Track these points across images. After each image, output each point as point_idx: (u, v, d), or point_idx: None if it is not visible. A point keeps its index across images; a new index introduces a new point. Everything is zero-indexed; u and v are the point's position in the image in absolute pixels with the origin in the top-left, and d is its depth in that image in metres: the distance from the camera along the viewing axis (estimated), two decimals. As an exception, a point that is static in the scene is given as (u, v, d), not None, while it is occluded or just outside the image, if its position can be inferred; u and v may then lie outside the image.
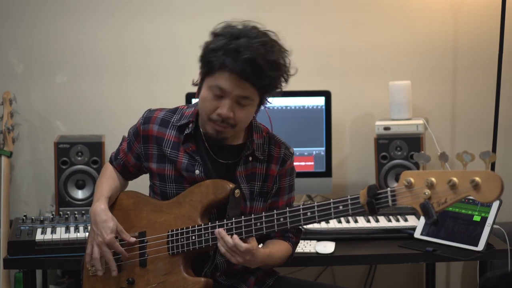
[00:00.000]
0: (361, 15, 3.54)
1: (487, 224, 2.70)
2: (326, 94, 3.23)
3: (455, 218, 2.77)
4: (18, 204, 3.48)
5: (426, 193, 1.84)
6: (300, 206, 2.09)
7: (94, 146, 3.16)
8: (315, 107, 3.24)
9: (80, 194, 3.16)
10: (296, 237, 2.39)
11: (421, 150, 3.19)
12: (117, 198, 2.39)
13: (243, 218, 2.14)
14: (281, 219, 2.11)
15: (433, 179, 1.83)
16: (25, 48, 3.47)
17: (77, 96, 3.49)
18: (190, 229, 2.20)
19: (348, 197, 2.01)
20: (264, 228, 2.12)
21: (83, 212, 2.94)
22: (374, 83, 3.54)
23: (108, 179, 2.41)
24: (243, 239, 2.12)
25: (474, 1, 3.51)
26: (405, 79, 3.38)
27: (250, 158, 2.29)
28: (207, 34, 2.21)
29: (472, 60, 3.56)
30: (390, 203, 1.93)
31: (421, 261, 2.93)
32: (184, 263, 2.23)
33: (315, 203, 2.06)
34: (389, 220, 2.94)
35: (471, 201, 2.77)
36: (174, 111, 2.35)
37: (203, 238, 2.18)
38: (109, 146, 3.18)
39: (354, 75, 3.55)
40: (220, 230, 2.13)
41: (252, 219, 2.13)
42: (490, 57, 3.35)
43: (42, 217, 2.87)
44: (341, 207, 2.02)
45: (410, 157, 3.20)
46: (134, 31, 3.49)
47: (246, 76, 2.11)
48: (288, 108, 3.22)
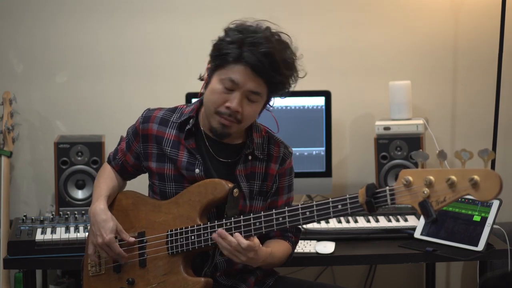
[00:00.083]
0: (361, 15, 3.54)
1: (487, 224, 2.69)
2: (326, 94, 3.23)
3: (455, 218, 2.77)
4: (18, 204, 3.48)
5: (425, 192, 1.84)
6: (299, 206, 2.08)
7: (94, 146, 3.16)
8: (315, 107, 3.24)
9: (80, 194, 3.16)
10: (296, 237, 2.39)
11: (421, 150, 3.19)
12: (116, 198, 2.39)
13: (242, 218, 2.14)
14: (280, 219, 2.10)
15: (432, 178, 1.83)
16: (25, 48, 3.47)
17: (77, 96, 3.49)
18: (189, 229, 2.20)
19: (347, 196, 2.01)
20: (263, 228, 2.12)
21: (83, 212, 2.94)
22: (374, 83, 3.54)
23: (106, 179, 2.41)
24: (244, 238, 2.12)
25: (474, 1, 3.51)
26: (405, 79, 3.38)
27: (250, 157, 2.29)
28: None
29: (472, 60, 3.56)
30: (389, 202, 1.93)
31: (421, 261, 2.92)
32: (184, 263, 2.22)
33: (314, 203, 2.06)
34: (389, 220, 2.94)
35: (471, 201, 2.77)
36: (174, 110, 2.35)
37: (202, 238, 2.18)
38: (109, 146, 3.18)
39: (354, 75, 3.55)
40: (220, 231, 2.12)
41: (251, 219, 2.13)
42: (490, 57, 3.35)
43: (42, 217, 2.87)
44: (340, 206, 2.02)
45: (410, 157, 3.20)
46: (134, 31, 3.49)
47: (261, 70, 2.12)
48: (288, 108, 3.22)
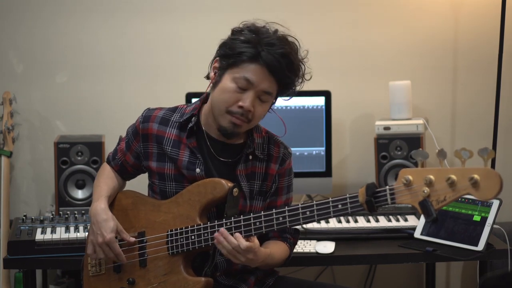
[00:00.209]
0: (361, 15, 3.54)
1: (487, 224, 2.69)
2: (326, 94, 3.23)
3: (455, 218, 2.77)
4: (18, 204, 3.48)
5: (425, 191, 1.84)
6: (299, 205, 2.08)
7: (94, 146, 3.16)
8: (315, 107, 3.23)
9: (80, 194, 3.16)
10: (294, 238, 2.39)
11: (421, 149, 3.19)
12: (115, 198, 2.39)
13: (242, 218, 2.14)
14: (280, 218, 2.10)
15: (432, 177, 1.83)
16: (25, 48, 3.47)
17: (77, 96, 3.49)
18: (190, 229, 2.20)
19: (347, 196, 2.01)
20: (263, 228, 2.12)
21: (83, 212, 2.94)
22: (374, 83, 3.54)
23: (106, 179, 2.40)
24: (244, 238, 2.12)
25: (474, 1, 3.51)
26: (405, 79, 3.38)
27: (250, 157, 2.29)
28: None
29: (472, 60, 3.56)
30: (389, 202, 1.93)
31: (421, 261, 2.92)
32: (184, 263, 2.22)
33: (314, 202, 2.06)
34: (389, 220, 2.94)
35: (471, 201, 2.77)
36: (174, 110, 2.35)
37: (203, 238, 2.18)
38: (109, 146, 3.17)
39: (354, 75, 3.55)
40: (223, 230, 2.12)
41: (251, 218, 2.12)
42: (490, 57, 3.35)
43: (42, 217, 2.87)
44: (340, 206, 2.01)
45: (410, 157, 3.20)
46: (134, 31, 3.49)
47: (278, 70, 2.13)
48: (288, 108, 3.22)
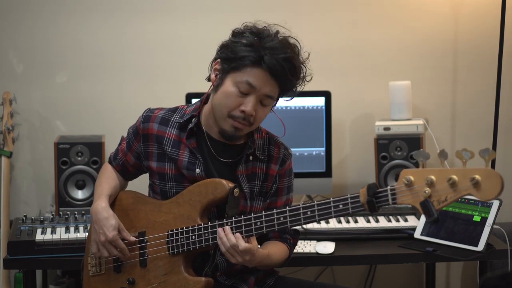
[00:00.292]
0: (361, 15, 3.54)
1: (487, 224, 2.69)
2: (326, 94, 3.23)
3: (455, 218, 2.77)
4: (18, 204, 3.48)
5: (426, 191, 1.84)
6: (300, 205, 2.08)
7: (94, 146, 3.16)
8: (315, 107, 3.23)
9: (80, 194, 3.16)
10: (294, 239, 2.39)
11: (422, 149, 3.19)
12: (116, 198, 2.39)
13: (243, 217, 2.14)
14: (281, 218, 2.10)
15: (433, 177, 1.83)
16: (25, 48, 3.47)
17: (77, 96, 3.49)
18: (190, 229, 2.20)
19: (348, 196, 2.01)
20: (264, 228, 2.12)
21: (83, 212, 2.94)
22: (374, 83, 3.54)
23: (108, 179, 2.40)
24: (244, 238, 2.12)
25: (474, 1, 3.51)
26: (405, 79, 3.38)
27: (251, 158, 2.29)
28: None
29: (472, 60, 3.56)
30: (390, 202, 1.93)
31: (421, 261, 2.92)
32: (185, 263, 2.22)
33: (315, 202, 2.06)
34: (389, 220, 2.94)
35: (471, 201, 2.77)
36: (174, 110, 2.35)
37: (203, 238, 2.18)
38: (109, 146, 3.18)
39: (354, 75, 3.55)
40: (226, 228, 2.12)
41: (252, 218, 2.13)
42: (490, 57, 3.35)
43: (42, 217, 2.87)
44: (341, 206, 2.01)
45: (410, 158, 3.20)
46: (134, 31, 3.49)
47: (280, 75, 2.12)
48: (288, 108, 3.22)
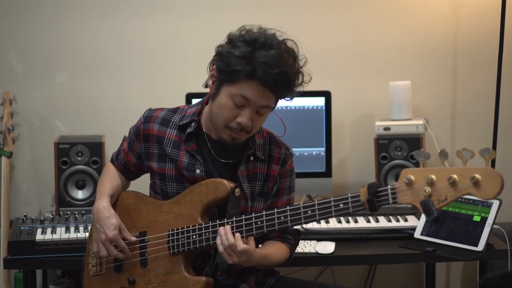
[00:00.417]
0: (361, 15, 3.54)
1: (487, 224, 2.69)
2: (326, 94, 3.23)
3: (455, 218, 2.77)
4: (18, 204, 3.48)
5: (427, 191, 1.84)
6: (301, 205, 2.08)
7: (94, 146, 3.16)
8: (315, 107, 3.24)
9: (80, 194, 3.16)
10: (295, 239, 2.39)
11: (423, 149, 3.19)
12: (118, 198, 2.39)
13: (244, 217, 2.14)
14: (282, 218, 2.10)
15: (433, 177, 1.83)
16: (25, 48, 3.47)
17: (77, 96, 3.49)
18: (191, 228, 2.20)
19: (349, 195, 2.01)
20: (265, 227, 2.12)
21: (83, 212, 2.94)
22: (374, 83, 3.54)
23: (110, 178, 2.41)
24: (243, 239, 2.12)
25: (474, 1, 3.51)
26: (405, 79, 3.38)
27: (252, 158, 2.29)
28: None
29: (472, 60, 3.56)
30: (391, 201, 1.93)
31: (421, 261, 2.92)
32: (185, 263, 2.22)
33: (316, 202, 2.06)
34: (389, 220, 2.94)
35: (471, 201, 2.77)
36: (175, 111, 2.35)
37: (204, 237, 2.18)
38: (109, 146, 3.18)
39: (354, 75, 3.55)
40: (227, 227, 2.12)
41: (253, 218, 2.13)
42: (490, 57, 3.35)
43: (42, 217, 2.87)
44: (342, 205, 2.02)
45: (410, 158, 3.20)
46: (134, 31, 3.49)
47: (275, 88, 2.11)
48: (288, 109, 3.22)
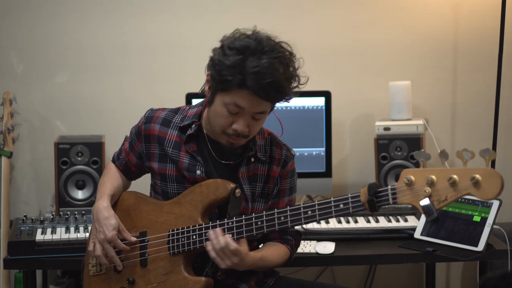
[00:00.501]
0: (361, 15, 3.54)
1: (487, 224, 2.69)
2: (326, 94, 3.23)
3: (455, 218, 2.77)
4: (18, 204, 3.48)
5: (427, 191, 1.84)
6: (301, 205, 2.08)
7: (94, 146, 3.16)
8: (315, 107, 3.24)
9: (80, 195, 3.16)
10: (296, 240, 2.39)
11: (423, 150, 3.19)
12: (119, 198, 2.39)
13: (244, 217, 2.14)
14: (282, 218, 2.10)
15: (434, 177, 1.83)
16: (25, 48, 3.47)
17: (77, 96, 3.49)
18: (191, 229, 2.20)
19: (349, 196, 2.01)
20: (265, 227, 2.12)
21: (83, 213, 2.94)
22: (374, 83, 3.54)
23: (111, 178, 2.41)
24: (235, 241, 2.12)
25: (474, 1, 3.51)
26: (405, 79, 3.38)
27: (252, 159, 2.29)
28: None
29: (472, 60, 3.56)
30: (391, 201, 1.93)
31: (421, 261, 2.92)
32: (185, 263, 2.22)
33: (316, 202, 2.06)
34: (389, 221, 2.94)
35: (471, 202, 2.77)
36: (176, 111, 2.35)
37: (204, 238, 2.18)
38: (109, 146, 3.19)
39: (354, 75, 3.55)
40: (217, 230, 2.13)
41: (253, 218, 2.13)
42: (490, 57, 3.35)
43: (42, 217, 2.87)
44: (342, 206, 2.02)
45: (410, 158, 3.20)
46: (134, 31, 3.49)
47: (268, 97, 2.11)
48: (288, 109, 3.22)
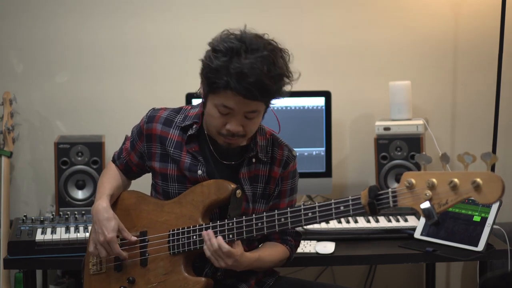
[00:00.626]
0: (361, 15, 3.54)
1: (487, 224, 2.69)
2: (326, 94, 3.23)
3: (455, 218, 2.77)
4: (18, 204, 3.48)
5: (427, 194, 1.84)
6: (302, 207, 2.09)
7: (94, 146, 3.16)
8: (315, 107, 3.24)
9: (80, 194, 3.16)
10: (295, 241, 2.39)
11: (421, 151, 3.19)
12: (119, 197, 2.39)
13: (244, 218, 2.14)
14: (282, 219, 2.11)
15: (434, 180, 1.83)
16: (25, 48, 3.47)
17: (77, 96, 3.49)
18: (191, 229, 2.20)
19: (349, 198, 2.01)
20: (265, 228, 2.12)
21: (83, 212, 2.94)
22: (374, 83, 3.54)
23: (110, 178, 2.41)
24: (227, 242, 2.13)
25: (474, 1, 3.51)
26: (405, 79, 3.38)
27: (254, 160, 2.29)
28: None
29: (472, 60, 3.56)
30: (391, 204, 1.93)
31: (421, 261, 2.92)
32: (185, 263, 2.23)
33: (316, 204, 2.06)
34: (389, 221, 2.94)
35: (471, 201, 2.77)
36: (178, 111, 2.35)
37: (204, 238, 2.19)
38: (109, 146, 3.18)
39: (354, 75, 3.55)
40: (209, 231, 2.14)
41: (253, 219, 2.13)
42: (490, 57, 3.35)
43: (42, 217, 2.87)
44: (342, 208, 2.02)
45: (410, 158, 3.20)
46: (134, 31, 3.49)
47: (253, 97, 2.10)
48: (288, 108, 3.22)
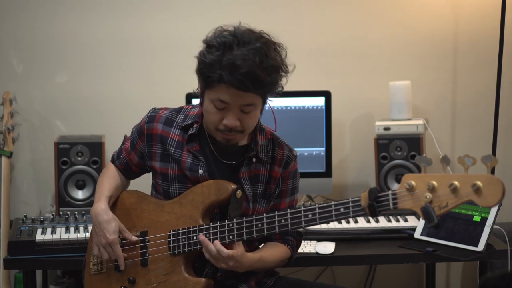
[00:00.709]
0: (361, 15, 3.54)
1: (487, 225, 2.70)
2: (326, 94, 3.23)
3: (455, 218, 2.77)
4: (18, 204, 3.48)
5: (428, 197, 1.84)
6: (302, 208, 2.09)
7: (94, 146, 3.16)
8: (315, 107, 3.24)
9: (80, 194, 3.16)
10: (297, 241, 2.39)
11: (421, 151, 3.19)
12: (119, 197, 2.39)
13: (244, 219, 2.15)
14: (282, 221, 2.11)
15: (435, 183, 1.83)
16: (25, 48, 3.47)
17: (77, 96, 3.49)
18: (192, 229, 2.20)
19: (349, 200, 2.01)
20: (265, 230, 2.12)
21: (83, 212, 2.94)
22: (374, 83, 3.54)
23: (109, 178, 2.41)
24: (226, 244, 2.13)
25: (474, 1, 3.51)
26: (405, 79, 3.38)
27: (254, 160, 2.29)
28: (207, 34, 2.19)
29: (472, 60, 3.56)
30: (391, 206, 1.93)
31: (421, 261, 2.92)
32: (185, 263, 2.23)
33: (316, 205, 2.06)
34: (389, 221, 2.94)
35: (472, 202, 2.76)
36: (179, 111, 2.35)
37: (204, 239, 2.19)
38: (109, 146, 3.18)
39: (354, 75, 3.55)
40: (202, 238, 2.15)
41: (254, 220, 2.13)
42: (490, 57, 3.35)
43: (42, 217, 2.87)
44: (342, 209, 2.02)
45: (410, 158, 3.20)
46: (134, 31, 3.49)
47: (246, 88, 2.09)
48: (288, 108, 3.22)
